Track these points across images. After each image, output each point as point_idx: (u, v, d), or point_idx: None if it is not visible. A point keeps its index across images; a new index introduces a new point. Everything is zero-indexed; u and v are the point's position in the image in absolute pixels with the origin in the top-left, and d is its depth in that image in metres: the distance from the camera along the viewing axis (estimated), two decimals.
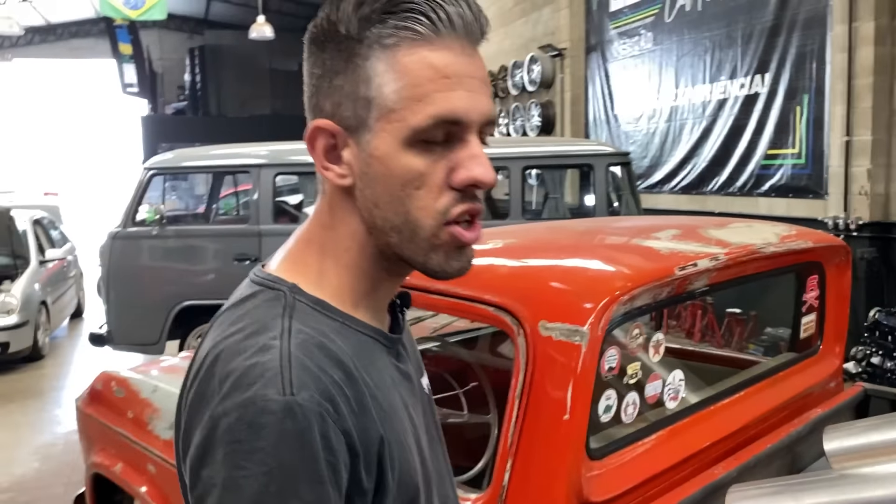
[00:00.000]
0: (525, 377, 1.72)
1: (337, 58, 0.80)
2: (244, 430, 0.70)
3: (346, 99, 0.80)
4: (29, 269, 7.52)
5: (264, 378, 0.72)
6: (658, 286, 1.84)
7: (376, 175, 0.80)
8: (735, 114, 7.47)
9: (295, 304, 0.80)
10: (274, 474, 0.70)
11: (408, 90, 0.77)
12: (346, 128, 0.80)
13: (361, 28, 0.78)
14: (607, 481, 1.74)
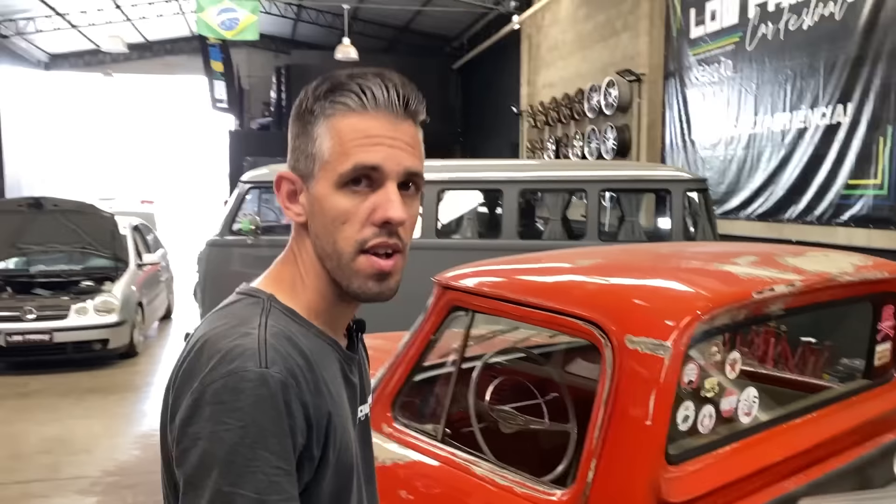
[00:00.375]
0: (611, 385, 1.90)
1: (299, 126, 1.04)
2: (227, 393, 0.89)
3: (302, 155, 1.03)
4: (128, 272, 8.04)
5: (244, 355, 0.92)
6: (736, 308, 2.00)
7: (317, 212, 1.02)
8: (815, 143, 7.43)
9: (271, 308, 1.01)
10: (249, 428, 0.88)
11: (338, 146, 0.99)
12: (302, 177, 1.03)
13: (314, 104, 1.02)
14: (684, 484, 1.90)
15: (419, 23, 18.69)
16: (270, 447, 0.89)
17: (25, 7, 17.29)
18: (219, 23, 13.34)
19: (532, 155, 14.63)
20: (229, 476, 0.87)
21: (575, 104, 12.58)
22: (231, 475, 0.87)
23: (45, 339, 7.16)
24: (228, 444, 0.88)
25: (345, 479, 1.02)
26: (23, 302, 7.30)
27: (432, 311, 2.54)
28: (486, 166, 6.74)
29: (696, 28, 9.50)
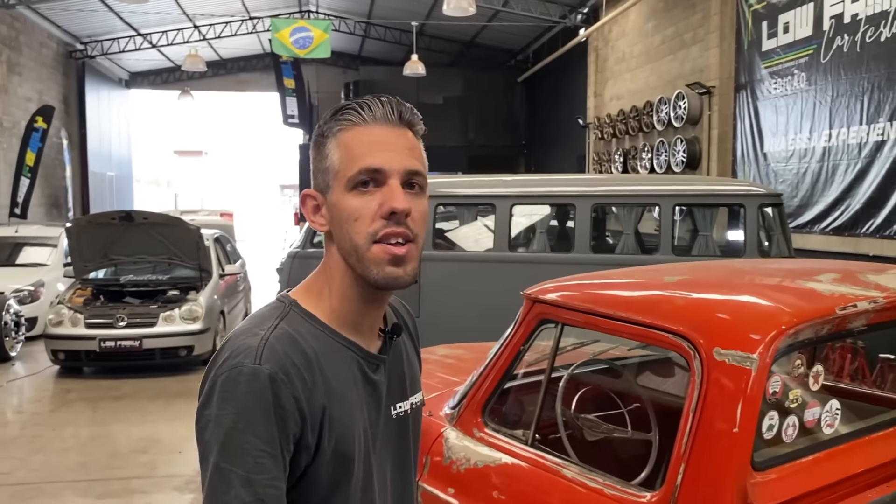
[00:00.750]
0: (699, 394, 2.02)
1: (315, 150, 1.19)
2: (229, 384, 1.05)
3: (319, 173, 1.18)
4: (211, 282, 8.43)
5: (245, 352, 1.07)
6: (819, 323, 2.10)
7: (335, 218, 1.16)
8: (894, 156, 7.32)
9: (289, 312, 1.16)
10: (241, 415, 1.04)
11: (345, 155, 1.14)
12: (321, 192, 1.18)
13: (325, 127, 1.18)
14: (769, 490, 1.99)
15: (484, 37, 18.92)
16: (258, 433, 1.03)
17: (110, 28, 18.21)
18: (293, 42, 13.82)
19: (599, 167, 14.64)
20: (225, 455, 1.03)
21: (643, 116, 12.58)
22: (227, 454, 1.03)
23: (135, 345, 7.57)
24: (225, 428, 1.04)
25: (343, 468, 1.13)
26: (115, 310, 7.74)
27: (521, 323, 2.69)
28: (559, 181, 6.86)
29: (768, 41, 9.43)
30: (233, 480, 1.02)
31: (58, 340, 7.62)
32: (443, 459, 2.78)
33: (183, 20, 17.96)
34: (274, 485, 1.04)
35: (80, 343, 7.56)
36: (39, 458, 5.31)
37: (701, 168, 10.94)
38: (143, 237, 8.19)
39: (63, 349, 7.65)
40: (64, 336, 7.56)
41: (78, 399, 6.92)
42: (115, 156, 22.15)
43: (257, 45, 21.39)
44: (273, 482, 1.04)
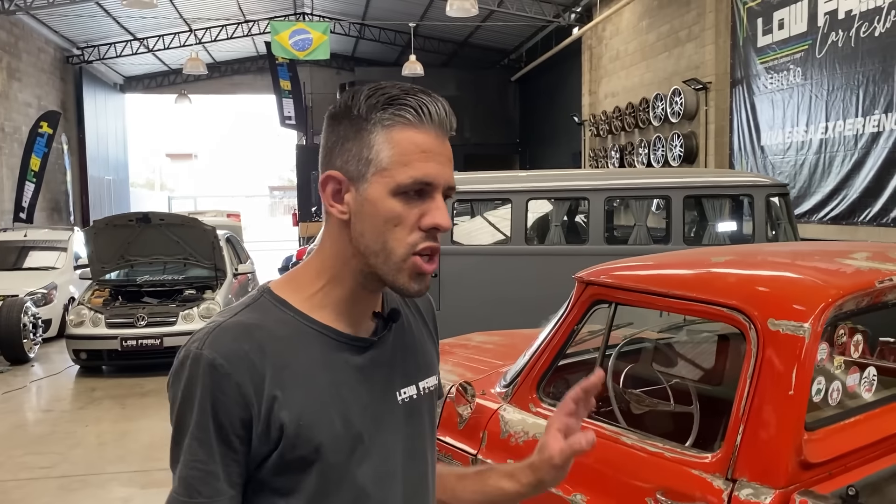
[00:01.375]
0: (756, 362, 2.22)
1: (349, 129, 1.10)
2: (178, 366, 1.09)
3: (353, 158, 1.09)
4: (226, 281, 8.59)
5: (196, 338, 1.08)
6: (861, 295, 2.31)
7: (368, 213, 1.09)
8: (890, 146, 7.59)
9: (259, 300, 1.13)
10: (185, 394, 1.07)
11: (397, 157, 1.07)
12: (350, 178, 1.10)
13: (368, 111, 1.08)
14: (821, 447, 2.20)
15: (478, 37, 19.13)
16: (193, 416, 1.05)
17: (107, 33, 18.28)
18: (293, 44, 13.97)
19: (595, 164, 14.89)
20: (174, 431, 1.09)
21: (639, 113, 12.83)
22: (174, 431, 1.09)
23: (156, 343, 7.72)
24: (175, 403, 1.09)
25: (307, 453, 1.09)
26: (135, 309, 7.89)
27: (574, 304, 2.88)
28: (572, 175, 7.07)
29: (763, 37, 9.70)
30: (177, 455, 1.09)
31: (80, 340, 7.75)
32: (500, 433, 2.97)
33: (180, 24, 18.06)
34: (196, 466, 1.06)
35: (102, 343, 7.70)
36: (79, 453, 5.47)
37: (698, 162, 11.20)
38: (159, 238, 8.34)
39: (85, 349, 7.79)
40: (86, 336, 7.70)
41: (105, 397, 7.07)
42: (112, 160, 22.22)
43: (251, 47, 21.51)
44: (196, 464, 1.06)
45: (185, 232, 8.37)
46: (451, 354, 3.92)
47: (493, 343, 4.25)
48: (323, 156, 1.14)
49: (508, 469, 1.34)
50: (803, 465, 2.14)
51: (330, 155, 1.12)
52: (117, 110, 23.33)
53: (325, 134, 1.14)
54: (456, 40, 19.85)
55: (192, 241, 8.43)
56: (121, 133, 23.79)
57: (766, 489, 2.10)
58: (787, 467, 2.11)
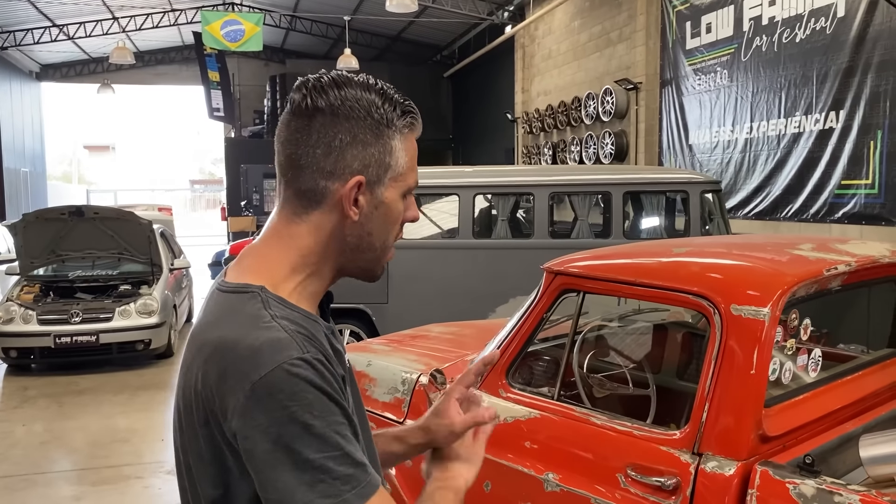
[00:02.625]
0: (720, 344, 2.40)
1: (367, 133, 1.10)
2: (283, 382, 0.97)
3: (374, 162, 1.11)
4: (163, 276, 8.42)
5: (281, 346, 1.00)
6: (812, 282, 2.51)
7: (381, 214, 1.14)
8: (810, 146, 8.06)
9: (268, 300, 1.07)
10: (314, 404, 0.98)
11: (409, 162, 1.15)
12: (368, 181, 1.12)
13: (389, 118, 1.12)
14: (778, 422, 2.39)
15: (411, 32, 19.19)
16: (334, 412, 1.00)
17: (23, 18, 17.50)
18: (224, 35, 13.71)
19: (528, 160, 15.17)
20: (312, 446, 0.97)
21: (571, 111, 13.15)
22: (314, 444, 0.97)
23: (92, 340, 7.51)
24: (301, 423, 0.97)
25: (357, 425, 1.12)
26: (68, 305, 7.65)
27: (543, 294, 3.01)
28: (518, 171, 7.25)
29: (691, 39, 10.11)
30: (329, 465, 0.98)
31: (9, 338, 7.46)
32: None
33: (102, 11, 17.45)
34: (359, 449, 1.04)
35: (33, 340, 7.44)
36: (18, 453, 5.31)
37: (628, 159, 11.58)
38: (92, 232, 8.11)
39: (15, 346, 7.51)
40: (16, 333, 7.42)
41: (39, 395, 6.84)
42: (28, 151, 21.28)
43: (177, 37, 20.96)
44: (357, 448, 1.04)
45: (119, 226, 8.16)
46: (412, 345, 4.00)
47: (453, 333, 4.36)
48: (327, 153, 1.10)
49: (396, 432, 1.41)
50: (762, 439, 2.31)
51: (343, 154, 1.10)
52: (33, 99, 22.36)
53: (327, 126, 1.09)
54: (389, 35, 19.86)
55: (126, 236, 8.22)
56: (37, 123, 22.81)
57: (730, 461, 2.27)
58: (748, 441, 2.29)
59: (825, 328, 4.01)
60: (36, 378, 7.53)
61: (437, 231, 6.83)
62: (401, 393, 3.39)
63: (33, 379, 7.49)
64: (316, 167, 1.10)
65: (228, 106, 18.34)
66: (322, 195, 1.12)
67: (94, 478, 4.81)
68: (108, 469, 4.96)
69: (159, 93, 26.24)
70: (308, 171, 1.11)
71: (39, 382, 7.33)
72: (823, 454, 2.43)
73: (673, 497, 2.32)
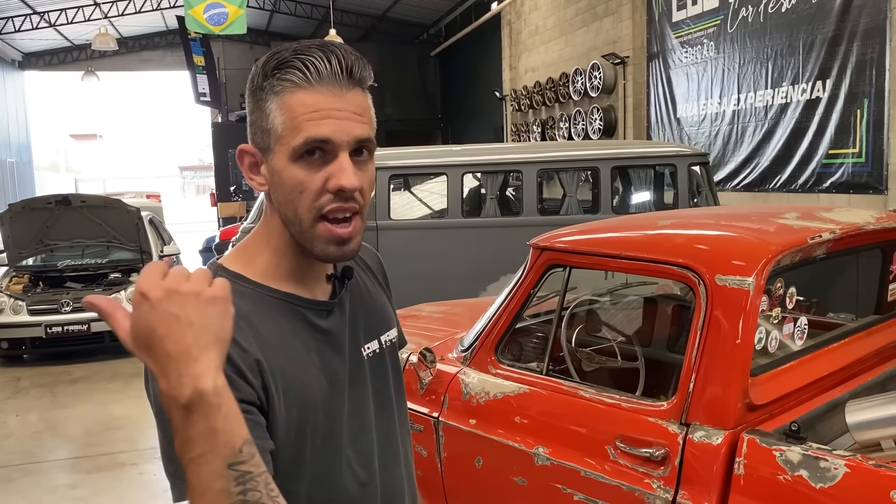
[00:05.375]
0: (705, 315, 2.40)
1: (252, 102, 1.10)
2: None
3: (258, 130, 1.10)
4: None
5: None
6: (796, 251, 2.52)
7: (277, 183, 1.10)
8: (797, 117, 8.05)
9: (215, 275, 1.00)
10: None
11: (289, 122, 1.06)
12: (261, 150, 1.10)
13: (263, 80, 1.08)
14: (765, 390, 2.41)
15: (396, 11, 19.03)
16: None
17: (3, 6, 17.27)
18: (207, 18, 13.55)
19: (517, 138, 15.13)
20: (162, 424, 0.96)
21: (559, 87, 13.09)
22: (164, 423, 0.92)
23: (83, 329, 7.50)
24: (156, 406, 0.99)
25: (306, 412, 1.10)
26: (58, 295, 7.63)
27: (529, 270, 3.02)
28: (505, 149, 7.23)
29: (678, 12, 10.05)
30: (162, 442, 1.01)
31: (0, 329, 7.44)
32: (461, 395, 3.09)
33: None
34: None
35: (24, 330, 7.43)
36: (13, 443, 5.31)
37: (617, 134, 11.56)
38: (80, 221, 8.07)
39: (6, 337, 7.50)
40: (7, 324, 7.41)
41: (32, 386, 6.84)
42: (13, 142, 21.09)
43: (160, 22, 20.74)
44: None
45: (107, 214, 8.12)
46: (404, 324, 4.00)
47: (444, 312, 4.37)
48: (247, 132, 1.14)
49: None
50: (749, 408, 2.33)
51: (248, 129, 1.12)
52: (17, 89, 22.12)
53: (246, 109, 1.14)
54: (374, 14, 19.69)
55: (115, 224, 8.19)
56: (22, 113, 22.59)
57: (717, 431, 2.28)
58: (735, 410, 2.30)
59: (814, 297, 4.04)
60: (28, 368, 7.52)
61: (426, 211, 6.82)
62: None
63: (26, 369, 7.48)
64: None
65: (214, 90, 18.17)
66: None
67: (88, 465, 4.82)
68: (103, 457, 4.97)
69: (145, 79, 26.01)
70: None
71: (32, 372, 7.32)
72: (810, 421, 2.45)
73: (661, 467, 2.34)
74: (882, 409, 2.44)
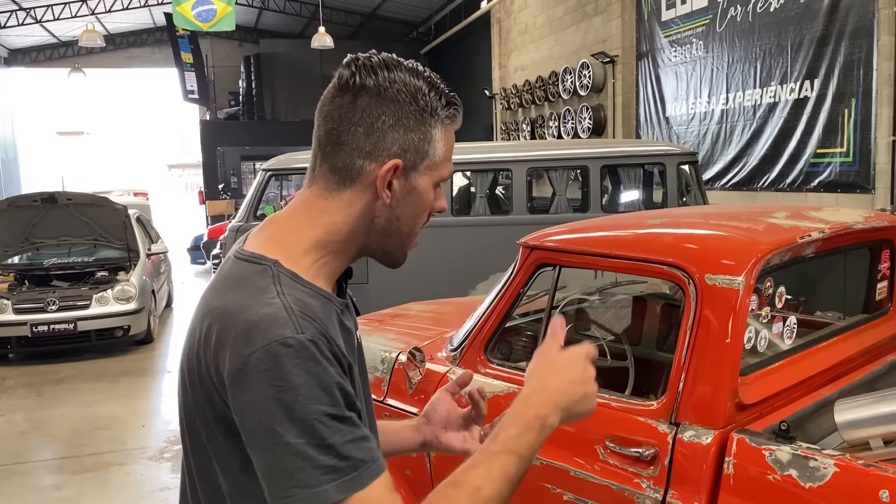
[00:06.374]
0: (695, 314, 2.40)
1: (410, 119, 1.10)
2: (270, 360, 0.96)
3: (412, 148, 1.11)
4: (140, 261, 8.33)
5: (277, 324, 0.98)
6: (786, 250, 2.52)
7: (412, 201, 1.14)
8: (785, 116, 8.08)
9: (279, 275, 1.06)
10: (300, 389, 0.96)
11: (446, 154, 1.15)
12: (404, 166, 1.12)
13: (433, 106, 1.12)
14: (754, 389, 2.41)
15: (386, 9, 18.99)
16: (321, 400, 0.97)
17: None
18: (195, 15, 13.49)
19: (507, 137, 15.12)
20: (293, 432, 0.95)
21: (549, 86, 13.09)
22: (295, 430, 0.94)
23: (70, 327, 7.44)
24: (284, 405, 0.95)
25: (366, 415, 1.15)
26: (44, 293, 7.56)
27: (519, 269, 3.00)
28: (496, 147, 7.22)
29: (667, 11, 10.07)
30: (309, 453, 0.95)
31: None
32: None
33: None
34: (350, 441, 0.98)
35: (10, 329, 7.36)
36: None
37: (606, 133, 11.57)
38: (66, 219, 8.01)
39: None
40: None
41: (17, 385, 6.78)
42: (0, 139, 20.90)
43: (148, 18, 20.61)
44: (349, 439, 0.98)
45: (94, 212, 8.06)
46: (392, 324, 3.99)
47: (432, 311, 4.35)
48: (369, 133, 1.10)
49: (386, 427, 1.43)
50: (739, 407, 2.33)
51: (384, 136, 1.10)
52: (3, 85, 21.92)
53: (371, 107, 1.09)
54: (363, 12, 19.64)
55: (101, 221, 8.13)
56: (7, 110, 22.39)
57: (707, 430, 2.27)
58: (724, 409, 2.29)
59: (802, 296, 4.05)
60: (14, 368, 7.45)
61: None
62: (380, 372, 3.38)
63: (11, 369, 7.41)
64: (355, 145, 1.10)
65: (203, 88, 18.09)
66: (357, 174, 1.11)
67: (75, 466, 4.78)
68: (90, 457, 4.93)
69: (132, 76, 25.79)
70: (347, 148, 1.10)
71: (17, 372, 7.26)
72: (799, 420, 2.45)
73: (651, 467, 2.33)
74: (870, 408, 2.44)
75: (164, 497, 4.31)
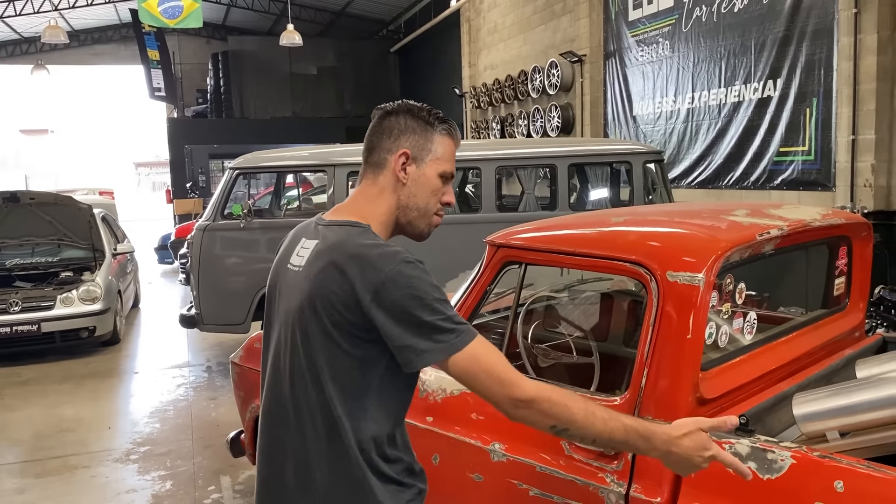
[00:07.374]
0: (657, 310, 2.44)
1: (417, 127, 1.71)
2: (411, 268, 1.51)
3: (418, 145, 1.71)
4: (105, 261, 8.22)
5: (403, 253, 1.53)
6: (745, 247, 2.57)
7: (423, 182, 1.72)
8: (749, 115, 8.21)
9: (375, 234, 1.64)
10: (425, 285, 1.51)
11: (446, 153, 1.75)
12: (414, 157, 1.71)
13: (432, 122, 1.72)
14: (715, 384, 2.45)
15: (355, 6, 18.92)
16: (438, 291, 1.54)
17: None
18: (162, 11, 13.32)
19: (477, 135, 15.16)
20: (427, 312, 1.49)
21: (518, 85, 13.15)
22: (427, 311, 1.49)
23: (33, 329, 7.32)
24: (418, 297, 1.49)
25: None
26: (6, 294, 7.42)
27: (486, 267, 3.03)
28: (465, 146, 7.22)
29: (633, 11, 10.18)
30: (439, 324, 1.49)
31: None
32: (418, 393, 3.08)
33: None
34: (456, 314, 1.56)
35: None
36: None
37: (575, 132, 11.65)
38: (29, 218, 7.88)
39: None
40: None
41: None
42: None
43: (113, 15, 20.30)
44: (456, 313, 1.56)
45: (58, 211, 7.94)
46: None
47: None
48: (393, 137, 1.69)
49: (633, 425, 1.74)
50: (700, 401, 2.37)
51: (399, 138, 1.69)
52: None
53: (391, 123, 1.70)
54: (333, 10, 19.54)
55: (66, 221, 8.01)
56: None
57: None
58: (686, 404, 2.34)
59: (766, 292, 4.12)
60: None
61: None
62: None
63: None
64: (382, 146, 1.71)
65: (170, 85, 17.87)
66: (384, 163, 1.70)
67: (38, 469, 4.70)
68: (53, 460, 4.86)
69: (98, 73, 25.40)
70: (377, 149, 1.71)
71: None
72: (759, 414, 2.50)
73: (615, 462, 2.37)
74: (827, 401, 2.50)
75: (130, 499, 4.27)
